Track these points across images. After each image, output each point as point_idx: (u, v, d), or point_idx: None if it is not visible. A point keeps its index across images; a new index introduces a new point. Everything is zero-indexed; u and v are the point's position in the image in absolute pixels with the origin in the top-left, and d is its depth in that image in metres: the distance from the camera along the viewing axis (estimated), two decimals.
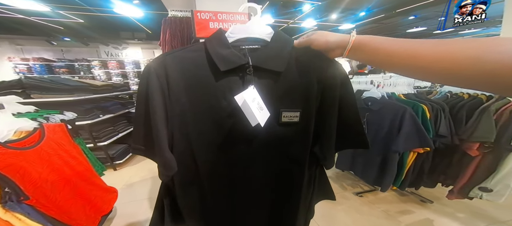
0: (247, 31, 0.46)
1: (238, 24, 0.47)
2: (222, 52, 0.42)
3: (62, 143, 1.04)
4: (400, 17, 4.51)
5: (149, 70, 0.41)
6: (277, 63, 0.43)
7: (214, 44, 0.43)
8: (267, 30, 0.47)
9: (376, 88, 1.50)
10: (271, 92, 0.43)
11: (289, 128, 0.45)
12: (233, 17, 1.15)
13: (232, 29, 0.46)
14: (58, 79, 2.51)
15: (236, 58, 0.41)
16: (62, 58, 5.39)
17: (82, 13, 3.55)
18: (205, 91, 0.43)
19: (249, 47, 0.45)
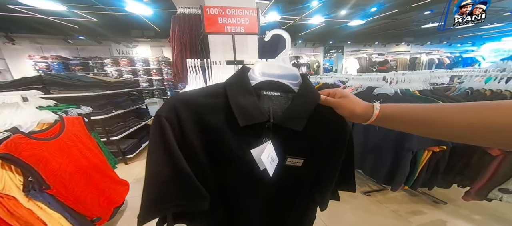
0: (273, 73, 0.43)
1: (264, 62, 0.46)
2: (243, 102, 0.38)
3: (79, 135, 1.09)
4: (415, 13, 4.28)
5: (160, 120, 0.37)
6: (298, 124, 0.41)
7: (236, 92, 0.39)
8: (295, 75, 0.44)
9: (389, 85, 1.45)
10: (283, 143, 0.42)
11: (290, 171, 0.45)
12: (243, 12, 1.14)
13: (257, 68, 0.43)
14: (75, 76, 2.64)
15: (257, 113, 0.39)
16: (77, 56, 5.65)
17: (96, 12, 3.68)
18: (221, 143, 0.40)
19: (272, 95, 0.43)
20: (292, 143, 0.43)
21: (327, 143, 0.45)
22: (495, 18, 5.04)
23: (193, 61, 1.04)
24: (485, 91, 1.25)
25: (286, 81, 0.43)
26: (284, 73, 0.44)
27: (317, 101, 0.42)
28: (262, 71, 0.43)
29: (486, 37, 8.81)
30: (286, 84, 0.43)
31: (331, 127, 0.44)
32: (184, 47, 1.79)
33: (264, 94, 0.42)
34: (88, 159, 1.11)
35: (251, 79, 0.42)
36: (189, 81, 1.03)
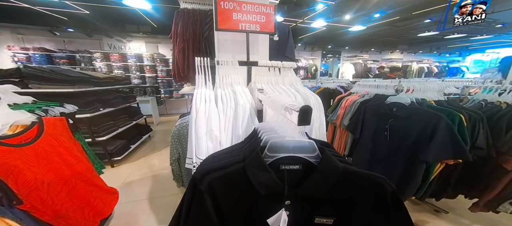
0: (287, 149, 0.46)
1: (277, 139, 0.46)
2: (261, 178, 0.44)
3: (62, 139, 0.93)
4: (414, 21, 4.38)
5: (200, 193, 0.44)
6: (318, 193, 0.45)
7: (253, 169, 0.44)
8: (312, 148, 0.46)
9: (404, 93, 1.39)
10: (307, 206, 0.46)
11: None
12: (259, 9, 1.04)
13: (271, 146, 0.46)
14: (59, 69, 2.40)
15: (274, 185, 0.44)
16: (63, 49, 5.27)
17: (89, 4, 3.43)
18: (245, 209, 0.47)
19: (290, 169, 0.46)
20: (318, 206, 0.47)
21: (363, 206, 0.47)
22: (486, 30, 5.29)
23: (202, 60, 0.92)
24: (501, 104, 1.23)
25: (302, 155, 0.46)
26: (299, 146, 0.46)
27: (339, 174, 0.44)
28: (278, 148, 0.46)
29: (471, 49, 9.30)
30: (304, 158, 0.46)
31: (363, 191, 0.46)
32: (187, 44, 1.66)
33: (283, 169, 0.46)
34: (71, 167, 0.95)
35: (269, 157, 0.46)
36: (198, 83, 0.91)
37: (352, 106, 1.95)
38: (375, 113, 1.54)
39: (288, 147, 0.46)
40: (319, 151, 0.46)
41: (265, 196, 0.44)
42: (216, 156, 0.53)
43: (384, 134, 1.44)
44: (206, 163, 0.50)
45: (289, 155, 0.46)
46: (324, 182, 0.44)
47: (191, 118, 0.73)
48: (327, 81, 3.69)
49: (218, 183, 0.44)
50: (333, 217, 0.46)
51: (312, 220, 0.47)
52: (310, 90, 1.02)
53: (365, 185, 0.45)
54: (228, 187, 0.45)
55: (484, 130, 1.08)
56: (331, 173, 0.44)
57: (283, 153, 0.46)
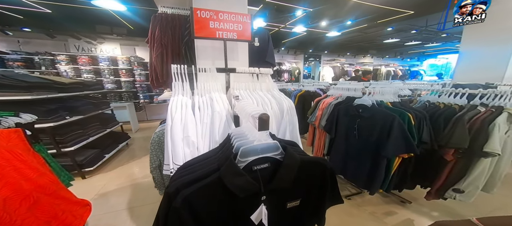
0: (256, 152, 0.52)
1: (247, 145, 0.51)
2: (237, 183, 0.48)
3: (18, 151, 0.86)
4: (379, 28, 4.92)
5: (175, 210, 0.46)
6: (286, 184, 0.53)
7: (229, 176, 0.48)
8: (275, 147, 0.54)
9: (367, 96, 1.57)
10: (280, 196, 0.55)
11: (293, 210, 0.59)
12: (236, 18, 1.08)
13: (243, 152, 0.51)
14: (12, 74, 2.13)
15: (251, 186, 0.49)
16: (17, 51, 4.63)
17: (51, 3, 3.10)
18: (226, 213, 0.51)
19: (261, 168, 0.52)
20: (287, 193, 0.56)
21: (315, 184, 0.60)
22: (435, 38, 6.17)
23: (179, 68, 0.93)
24: (439, 104, 1.46)
25: (270, 154, 0.53)
26: (266, 147, 0.53)
27: (298, 165, 0.54)
28: (249, 152, 0.52)
29: (427, 54, 10.72)
30: (271, 157, 0.53)
31: (314, 173, 0.59)
32: (165, 49, 1.62)
33: (256, 169, 0.52)
34: (30, 180, 0.87)
35: (242, 162, 0.51)
36: (174, 90, 0.91)
37: (328, 108, 2.11)
38: (346, 114, 1.70)
39: (257, 149, 0.52)
40: (282, 149, 0.54)
41: (244, 197, 0.48)
42: (191, 165, 0.55)
43: (353, 133, 1.60)
44: (180, 174, 0.52)
45: (259, 157, 0.52)
46: (289, 173, 0.52)
47: (167, 125, 0.74)
48: (308, 84, 3.90)
49: (195, 197, 0.46)
50: (299, 198, 0.58)
51: (285, 206, 0.56)
52: (284, 95, 1.10)
53: (315, 169, 0.58)
54: (206, 199, 0.47)
55: (427, 127, 1.28)
56: (293, 165, 0.53)
57: (254, 155, 0.51)
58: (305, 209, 0.62)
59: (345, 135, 1.70)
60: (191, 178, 0.48)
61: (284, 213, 0.58)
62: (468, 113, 1.23)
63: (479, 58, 2.66)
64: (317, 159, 0.60)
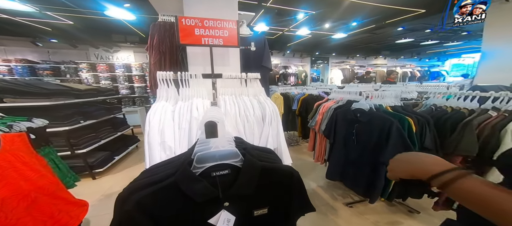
0: (214, 158, 0.52)
1: (204, 151, 0.51)
2: (194, 188, 0.47)
3: (20, 154, 0.94)
4: (389, 29, 4.69)
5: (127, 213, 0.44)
6: (247, 190, 0.51)
7: (185, 181, 0.48)
8: (234, 154, 0.53)
9: (365, 100, 1.49)
10: (244, 203, 0.53)
11: (261, 218, 0.57)
12: (221, 24, 1.11)
13: (199, 158, 0.51)
14: (35, 82, 2.37)
15: (208, 192, 0.48)
16: (47, 60, 5.18)
17: (73, 15, 3.44)
18: (185, 217, 0.49)
19: (221, 174, 0.51)
20: (253, 200, 0.54)
21: (282, 192, 0.57)
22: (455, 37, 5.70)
23: (165, 74, 0.97)
24: (447, 108, 1.34)
25: (229, 161, 0.53)
26: (225, 154, 0.53)
27: (259, 172, 0.53)
28: (205, 159, 0.51)
29: (449, 54, 9.91)
30: (231, 164, 0.53)
31: (280, 181, 0.57)
32: (163, 56, 1.70)
33: (213, 175, 0.51)
34: (30, 181, 0.95)
35: (199, 167, 0.51)
36: (158, 96, 0.95)
37: (328, 112, 2.04)
38: (344, 118, 1.63)
39: (215, 156, 0.52)
40: (242, 156, 0.53)
41: (203, 202, 0.48)
42: (154, 168, 0.56)
43: (352, 138, 1.52)
44: (139, 177, 0.53)
45: (217, 163, 0.52)
46: (249, 180, 0.52)
47: (144, 130, 0.76)
48: (312, 87, 3.82)
49: (149, 200, 0.45)
50: (266, 206, 0.56)
51: (252, 214, 0.55)
52: (270, 101, 1.08)
53: (280, 176, 0.57)
54: (163, 202, 0.47)
55: (431, 132, 1.17)
56: (252, 172, 0.52)
57: (212, 162, 0.52)
58: (274, 217, 0.60)
59: (344, 140, 1.63)
60: (147, 181, 0.48)
61: (253, 221, 0.57)
62: (478, 117, 1.11)
63: (503, 57, 2.40)
64: (283, 167, 0.59)
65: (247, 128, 0.93)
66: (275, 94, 3.35)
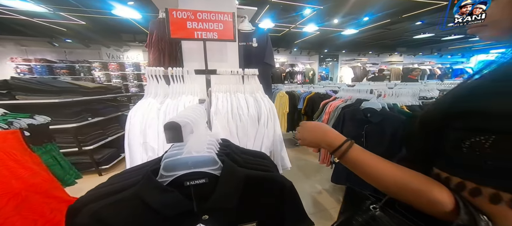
0: (186, 165, 0.44)
1: (174, 156, 0.43)
2: (162, 200, 0.40)
3: (12, 152, 0.92)
4: (406, 23, 4.34)
5: None
6: (227, 203, 0.44)
7: (149, 193, 0.41)
8: (212, 160, 0.46)
9: (376, 99, 1.34)
10: (227, 216, 0.46)
11: None
12: (216, 17, 1.03)
13: (167, 166, 0.43)
14: (46, 80, 2.46)
15: (180, 204, 0.41)
16: (63, 60, 5.46)
17: (84, 15, 3.56)
18: None
19: (196, 183, 0.44)
20: (237, 214, 0.47)
21: (273, 204, 0.49)
22: None
23: (154, 70, 0.91)
24: None
25: (206, 169, 0.45)
26: (199, 160, 0.45)
27: (242, 181, 0.45)
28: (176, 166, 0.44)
29: (475, 50, 9.08)
30: (207, 172, 0.45)
31: (270, 192, 0.49)
32: (162, 53, 1.67)
33: (186, 185, 0.44)
34: (22, 179, 0.93)
35: (167, 176, 0.43)
36: (147, 91, 0.89)
37: (335, 111, 1.90)
38: (352, 119, 1.49)
39: (187, 162, 0.44)
40: (221, 162, 0.45)
41: (174, 216, 0.41)
42: (123, 175, 0.50)
43: (361, 140, 1.38)
44: (104, 184, 0.46)
45: (191, 171, 0.44)
46: (230, 191, 0.44)
47: (125, 130, 0.71)
48: (319, 86, 3.65)
49: (107, 212, 0.39)
50: (254, 221, 0.49)
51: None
52: (267, 99, 0.99)
53: (270, 186, 0.48)
54: (122, 216, 0.40)
55: None
56: (233, 182, 0.45)
57: (183, 169, 0.44)
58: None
59: None
60: (108, 190, 0.42)
61: None
62: None
63: None
64: (273, 175, 0.50)
65: (239, 129, 0.85)
66: (280, 93, 3.24)
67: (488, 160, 0.29)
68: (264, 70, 1.84)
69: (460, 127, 0.32)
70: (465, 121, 0.32)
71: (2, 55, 4.95)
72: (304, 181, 2.31)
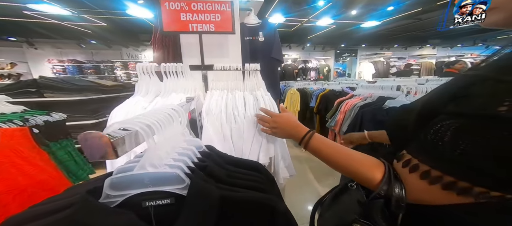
0: (142, 183, 0.35)
1: (125, 172, 0.34)
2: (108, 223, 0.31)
3: (20, 149, 0.95)
4: (440, 12, 3.75)
5: None
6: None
7: (89, 216, 0.31)
8: (175, 179, 0.36)
9: (405, 97, 1.12)
10: None
11: None
12: (212, 7, 0.93)
13: (114, 184, 0.34)
14: (69, 79, 2.65)
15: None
16: (91, 60, 5.96)
17: (104, 17, 3.78)
18: None
19: (158, 204, 0.36)
20: None
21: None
22: None
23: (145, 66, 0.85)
24: None
25: (169, 188, 0.36)
26: (159, 177, 0.35)
27: (215, 204, 0.36)
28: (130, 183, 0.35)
29: None
30: (171, 191, 0.36)
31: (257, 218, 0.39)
32: (166, 50, 1.64)
33: (145, 206, 0.36)
34: (29, 176, 0.95)
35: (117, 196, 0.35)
36: (137, 89, 0.84)
37: (351, 111, 1.69)
38: (373, 119, 1.29)
39: (143, 180, 0.35)
40: (190, 179, 0.36)
41: None
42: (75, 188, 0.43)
43: (383, 144, 1.18)
44: (44, 202, 0.39)
45: (149, 190, 0.36)
46: (199, 216, 0.35)
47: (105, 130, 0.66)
48: (334, 82, 3.38)
49: None
50: None
51: None
52: (269, 97, 0.87)
53: (254, 211, 0.39)
54: None
55: None
56: (203, 206, 0.35)
57: (138, 188, 0.35)
58: None
59: (370, 147, 1.29)
60: (48, 208, 0.34)
61: None
62: None
63: None
64: (259, 198, 0.39)
65: (234, 132, 0.74)
66: (291, 90, 3.06)
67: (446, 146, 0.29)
68: (271, 65, 1.71)
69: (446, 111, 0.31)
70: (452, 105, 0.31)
71: (41, 57, 5.56)
72: (315, 184, 2.15)
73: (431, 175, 0.31)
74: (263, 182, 0.48)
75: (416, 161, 0.34)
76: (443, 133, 0.30)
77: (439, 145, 0.30)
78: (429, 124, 0.33)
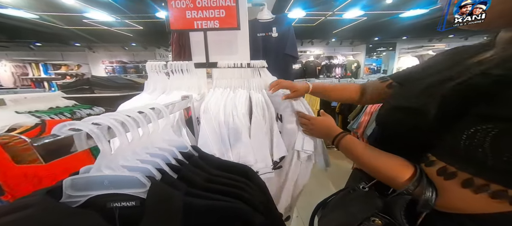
0: (102, 185, 0.34)
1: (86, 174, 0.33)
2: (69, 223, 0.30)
3: None
4: None
5: None
6: None
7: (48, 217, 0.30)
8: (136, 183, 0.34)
9: None
10: None
11: None
12: (217, 3, 0.91)
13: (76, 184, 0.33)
14: (113, 77, 3.09)
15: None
16: (132, 61, 6.85)
17: (140, 21, 4.27)
18: None
19: (123, 206, 0.35)
20: None
21: None
22: None
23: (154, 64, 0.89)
24: None
25: (129, 191, 0.34)
26: (117, 180, 0.34)
27: (179, 210, 0.33)
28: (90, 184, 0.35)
29: None
30: (132, 195, 0.35)
31: None
32: (183, 49, 1.72)
33: (110, 207, 0.35)
34: (64, 164, 1.13)
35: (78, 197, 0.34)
36: (146, 86, 0.89)
37: None
38: None
39: (102, 182, 0.34)
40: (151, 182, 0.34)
41: None
42: None
43: None
44: None
45: (111, 192, 0.34)
46: (158, 222, 0.33)
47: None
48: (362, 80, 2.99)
49: None
50: None
51: None
52: None
53: (222, 220, 0.35)
54: None
55: None
56: (164, 213, 0.33)
57: (98, 190, 0.34)
58: None
59: None
60: (15, 205, 0.33)
61: None
62: None
63: None
64: (231, 209, 0.36)
65: (231, 133, 0.71)
66: None
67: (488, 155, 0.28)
68: (285, 62, 1.60)
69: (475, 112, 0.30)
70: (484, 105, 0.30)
71: (97, 59, 6.65)
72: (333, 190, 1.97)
73: (474, 183, 0.30)
74: (249, 189, 0.43)
75: (453, 169, 0.33)
76: (481, 138, 0.28)
77: (478, 151, 0.29)
78: (456, 126, 0.32)
